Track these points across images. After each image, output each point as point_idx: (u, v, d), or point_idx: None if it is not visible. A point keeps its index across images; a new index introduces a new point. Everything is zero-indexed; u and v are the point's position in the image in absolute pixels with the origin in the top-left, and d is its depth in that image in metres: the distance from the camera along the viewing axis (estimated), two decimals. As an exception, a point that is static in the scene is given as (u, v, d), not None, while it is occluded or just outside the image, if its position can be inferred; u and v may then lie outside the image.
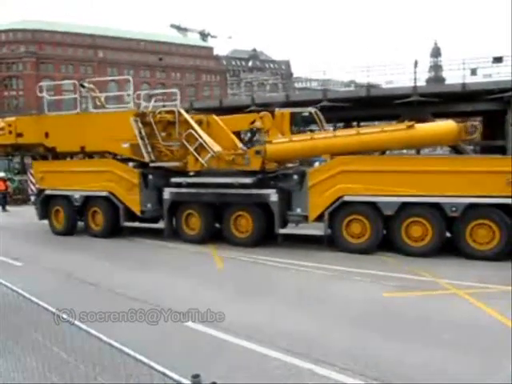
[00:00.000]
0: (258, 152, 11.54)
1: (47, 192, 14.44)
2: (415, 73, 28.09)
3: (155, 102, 14.40)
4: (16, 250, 11.88)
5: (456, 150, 31.39)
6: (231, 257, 10.83)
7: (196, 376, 2.02)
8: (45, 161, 14.98)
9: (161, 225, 13.23)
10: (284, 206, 11.52)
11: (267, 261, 10.38)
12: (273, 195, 11.36)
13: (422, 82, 37.98)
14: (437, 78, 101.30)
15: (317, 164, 11.74)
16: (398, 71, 38.98)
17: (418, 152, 32.51)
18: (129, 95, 14.48)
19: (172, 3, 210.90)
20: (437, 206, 10.28)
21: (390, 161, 11.33)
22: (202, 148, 12.03)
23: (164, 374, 2.18)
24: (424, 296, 7.70)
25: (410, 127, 10.64)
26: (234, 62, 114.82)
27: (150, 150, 12.54)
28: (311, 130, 15.04)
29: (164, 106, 13.95)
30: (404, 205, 10.44)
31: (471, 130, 10.38)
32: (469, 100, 26.73)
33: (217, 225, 12.57)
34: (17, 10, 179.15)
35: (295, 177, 11.35)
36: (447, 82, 41.97)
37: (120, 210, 13.24)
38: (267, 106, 26.06)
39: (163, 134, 12.67)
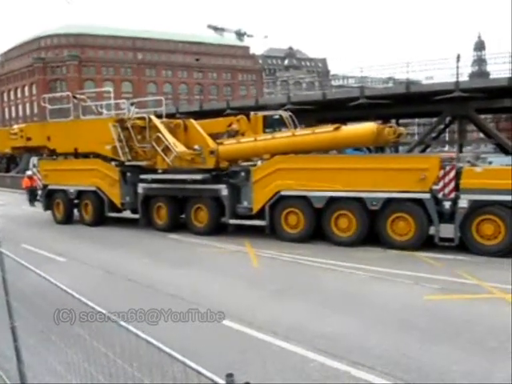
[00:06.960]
0: (212, 152, 13.28)
1: (50, 187, 16.85)
2: (457, 67, 26.52)
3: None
4: (58, 246, 12.70)
5: (500, 147, 30.14)
6: (268, 256, 10.94)
7: (230, 375, 2.00)
8: (48, 160, 17.39)
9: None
10: (234, 199, 13.16)
11: (305, 260, 10.38)
12: (223, 190, 13.06)
13: (464, 78, 35.54)
14: (481, 72, 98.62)
15: (259, 163, 13.26)
16: (438, 66, 35.78)
17: (463, 149, 29.95)
18: (123, 103, 16.64)
19: (209, 4, 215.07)
20: (359, 200, 11.53)
21: (319, 159, 12.57)
22: (167, 149, 13.86)
23: (198, 372, 2.17)
24: (468, 300, 7.46)
25: (336, 129, 11.96)
26: (269, 61, 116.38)
27: (126, 150, 14.51)
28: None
29: (140, 113, 15.90)
30: (331, 199, 11.76)
31: (391, 132, 11.57)
32: (516, 95, 25.01)
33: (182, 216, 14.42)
34: (61, 15, 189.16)
35: (242, 174, 12.96)
36: (492, 76, 40.04)
37: (105, 202, 15.39)
38: (303, 105, 26.01)
39: (139, 137, 14.61)
